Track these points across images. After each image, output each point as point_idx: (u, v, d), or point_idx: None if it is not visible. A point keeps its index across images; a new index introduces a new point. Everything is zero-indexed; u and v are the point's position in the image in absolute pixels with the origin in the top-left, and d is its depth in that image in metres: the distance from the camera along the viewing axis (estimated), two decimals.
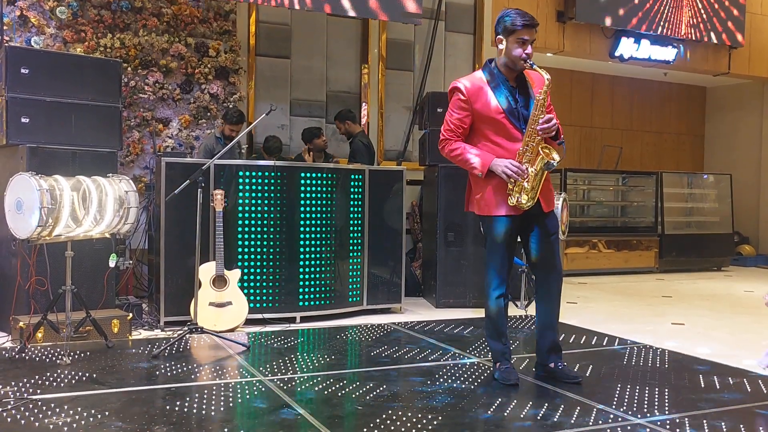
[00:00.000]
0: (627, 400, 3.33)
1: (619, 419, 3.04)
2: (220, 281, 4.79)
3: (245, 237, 5.08)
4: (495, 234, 3.56)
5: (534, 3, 8.67)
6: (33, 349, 4.11)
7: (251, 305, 4.98)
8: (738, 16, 10.19)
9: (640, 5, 9.31)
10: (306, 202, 5.24)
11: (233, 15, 6.77)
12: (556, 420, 3.01)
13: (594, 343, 4.65)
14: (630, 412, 3.15)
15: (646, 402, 3.30)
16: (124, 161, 6.20)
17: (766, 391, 3.55)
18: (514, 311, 5.46)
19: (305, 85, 7.33)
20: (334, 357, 4.19)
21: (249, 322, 4.95)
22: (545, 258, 3.64)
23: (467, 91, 3.53)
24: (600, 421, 3.00)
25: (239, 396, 3.29)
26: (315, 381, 3.58)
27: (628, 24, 9.26)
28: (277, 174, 5.15)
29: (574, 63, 10.13)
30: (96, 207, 3.92)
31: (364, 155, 6.57)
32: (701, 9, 9.85)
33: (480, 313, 5.15)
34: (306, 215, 5.24)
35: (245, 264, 5.06)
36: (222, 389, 3.39)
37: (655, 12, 9.45)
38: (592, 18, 9.06)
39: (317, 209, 5.28)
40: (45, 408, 3.03)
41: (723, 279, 8.96)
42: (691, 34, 9.78)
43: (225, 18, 6.72)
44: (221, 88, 6.64)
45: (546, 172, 3.49)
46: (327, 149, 6.97)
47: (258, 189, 5.11)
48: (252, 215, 5.09)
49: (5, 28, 5.88)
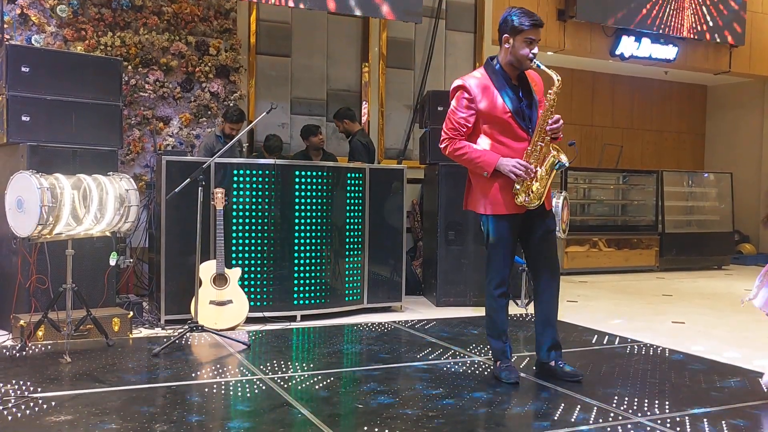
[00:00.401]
0: (627, 398, 3.33)
1: (620, 417, 3.04)
2: (220, 280, 4.79)
3: (246, 235, 5.08)
4: (499, 233, 3.55)
5: (535, 1, 8.67)
6: (34, 348, 4.11)
7: (252, 304, 4.98)
8: (739, 14, 10.18)
9: (641, 4, 9.31)
10: (306, 200, 5.24)
11: (234, 13, 6.77)
12: (556, 418, 3.01)
13: (594, 342, 4.65)
14: (630, 410, 3.15)
15: (646, 400, 3.30)
16: (124, 160, 6.20)
17: (766, 390, 3.55)
18: (514, 310, 5.46)
19: (306, 84, 7.32)
20: (334, 355, 4.19)
21: (249, 320, 4.95)
22: (545, 256, 3.64)
23: (473, 90, 3.50)
24: (600, 420, 3.00)
25: (240, 394, 3.29)
26: (315, 379, 3.58)
27: (629, 23, 9.26)
28: (278, 173, 5.15)
29: (574, 61, 10.13)
30: (96, 205, 3.92)
31: (362, 154, 6.56)
32: (702, 8, 9.84)
33: (480, 312, 5.15)
34: (307, 214, 5.24)
35: (246, 262, 5.06)
36: (222, 387, 3.40)
37: (657, 11, 9.45)
38: (593, 17, 9.06)
39: (318, 208, 5.29)
40: (46, 406, 3.03)
41: (723, 278, 8.96)
42: (692, 32, 9.78)
43: (225, 16, 6.72)
44: (222, 86, 6.64)
45: (554, 171, 3.49)
46: (324, 147, 6.96)
47: (258, 187, 5.11)
48: (253, 213, 5.10)
49: (6, 26, 5.88)
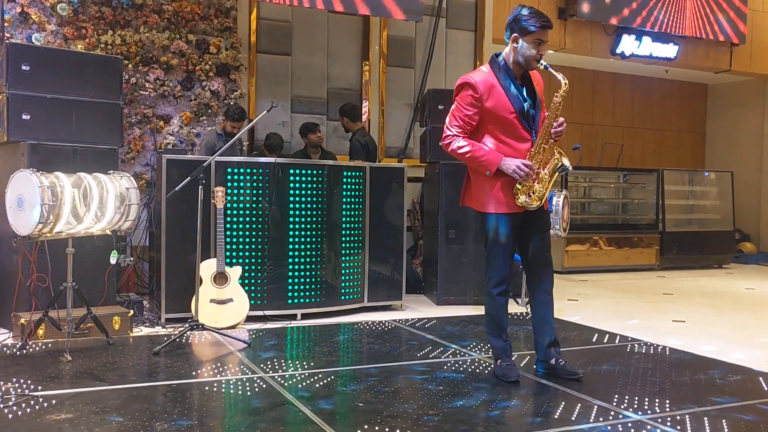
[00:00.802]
0: (628, 397, 3.33)
1: (620, 416, 3.04)
2: (221, 278, 4.79)
3: (247, 234, 5.08)
4: (500, 232, 3.55)
5: (536, 0, 8.66)
6: (34, 346, 4.11)
7: (252, 302, 4.98)
8: (739, 13, 10.17)
9: (643, 4, 9.30)
10: (306, 199, 5.24)
11: (234, 12, 6.77)
12: (556, 417, 3.01)
13: (595, 341, 4.65)
14: (631, 409, 3.15)
15: (646, 399, 3.30)
16: (125, 158, 6.20)
17: (767, 388, 3.55)
18: (514, 308, 5.47)
19: (306, 82, 7.32)
20: (334, 354, 4.19)
21: (250, 319, 4.95)
22: (540, 255, 3.66)
23: (479, 89, 3.48)
24: (601, 418, 3.00)
25: (240, 393, 3.29)
26: (316, 378, 3.58)
27: (631, 22, 9.26)
28: (278, 171, 5.15)
29: (575, 60, 10.12)
30: (97, 204, 3.92)
31: (360, 154, 6.55)
32: (703, 6, 9.83)
33: (480, 310, 5.15)
34: (307, 212, 5.24)
35: (247, 261, 5.06)
36: (223, 386, 3.40)
37: (658, 9, 9.44)
38: (594, 16, 9.05)
39: (318, 206, 5.29)
40: (46, 404, 3.03)
41: (724, 276, 8.95)
42: (693, 31, 9.77)
43: (226, 15, 6.72)
44: (222, 85, 6.64)
45: (556, 174, 3.50)
46: (324, 146, 6.96)
47: (259, 186, 5.11)
48: (253, 212, 5.10)
49: (6, 24, 5.88)
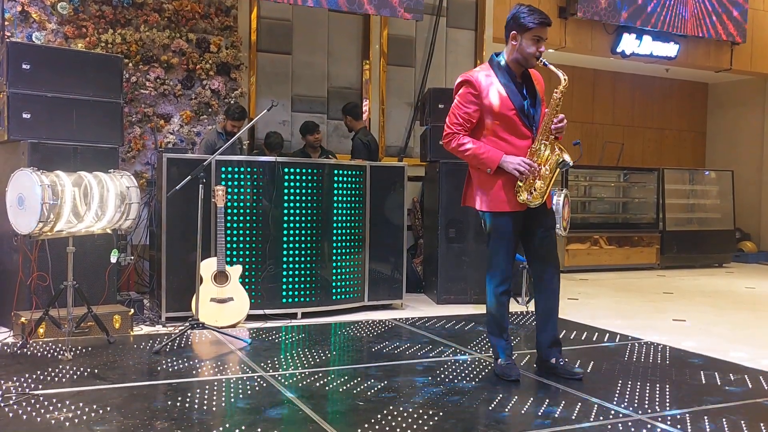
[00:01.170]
0: (628, 396, 3.33)
1: (620, 415, 3.04)
2: (221, 277, 4.79)
3: (247, 233, 5.08)
4: (501, 230, 3.55)
5: None
6: (35, 345, 4.11)
7: (252, 301, 4.98)
8: (740, 12, 10.17)
9: (644, 3, 9.30)
10: (307, 198, 5.24)
11: (234, 10, 6.77)
12: (557, 416, 3.01)
13: (595, 340, 4.65)
14: (631, 408, 3.15)
15: (647, 398, 3.30)
16: (125, 157, 6.20)
17: (767, 387, 3.55)
18: (515, 307, 5.47)
19: (306, 81, 7.32)
20: (335, 353, 4.19)
21: (250, 317, 4.96)
22: (545, 253, 3.65)
23: (479, 86, 3.49)
24: (601, 417, 3.00)
25: (240, 391, 3.29)
26: (316, 377, 3.58)
27: (634, 21, 9.25)
28: (279, 170, 5.15)
29: (575, 59, 10.11)
30: (97, 203, 3.92)
31: (362, 153, 6.56)
32: (704, 5, 9.82)
33: (481, 309, 5.15)
34: (307, 211, 5.24)
35: (247, 260, 5.06)
36: (223, 385, 3.40)
37: (660, 8, 9.43)
38: (595, 15, 9.05)
39: (319, 205, 5.28)
40: (47, 403, 3.03)
41: (724, 275, 8.95)
42: (693, 30, 9.77)
43: (226, 14, 6.72)
44: (222, 83, 6.63)
45: (558, 170, 3.49)
46: (323, 144, 6.96)
47: (259, 185, 5.11)
48: (254, 211, 5.10)
49: (6, 23, 5.88)
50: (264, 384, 3.43)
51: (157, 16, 6.39)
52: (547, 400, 3.25)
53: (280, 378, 3.54)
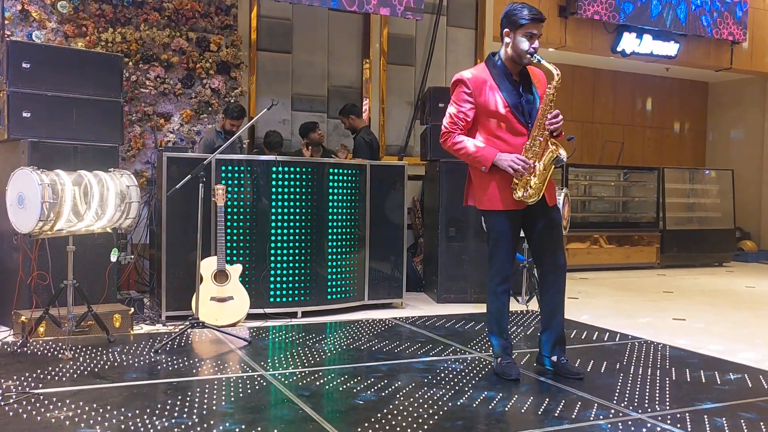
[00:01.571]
0: (628, 395, 3.33)
1: (620, 414, 3.04)
2: (221, 276, 4.79)
3: (247, 231, 5.08)
4: (499, 229, 3.55)
5: None
6: (35, 344, 4.11)
7: (252, 300, 4.98)
8: (740, 11, 10.16)
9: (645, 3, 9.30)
10: (307, 197, 5.24)
11: (234, 9, 6.77)
12: (557, 415, 3.01)
13: (595, 339, 4.65)
14: (631, 407, 3.15)
15: (647, 397, 3.30)
16: (125, 156, 6.20)
17: (767, 387, 3.55)
18: (515, 306, 5.46)
19: (306, 80, 7.32)
20: (335, 352, 4.19)
21: (250, 316, 4.96)
22: (547, 251, 3.63)
23: (472, 84, 3.50)
24: (601, 416, 3.00)
25: (240, 390, 3.29)
26: (316, 376, 3.58)
27: (636, 20, 9.25)
28: (279, 169, 5.15)
29: (575, 58, 10.11)
30: (97, 202, 3.92)
31: (365, 152, 6.57)
32: (704, 4, 9.82)
33: (481, 308, 5.15)
34: (307, 210, 5.24)
35: (248, 259, 5.06)
36: (223, 384, 3.40)
37: (661, 7, 9.43)
38: (597, 14, 9.04)
39: (318, 204, 5.28)
40: (47, 402, 3.04)
41: (724, 275, 8.96)
42: (694, 29, 9.76)
43: (226, 12, 6.72)
44: (222, 82, 6.63)
45: (553, 167, 3.48)
46: (324, 143, 6.96)
47: (259, 184, 5.10)
48: (254, 210, 5.10)
49: (6, 22, 5.88)
50: (264, 383, 3.43)
51: (157, 14, 6.39)
52: (547, 399, 3.25)
53: (280, 377, 3.54)
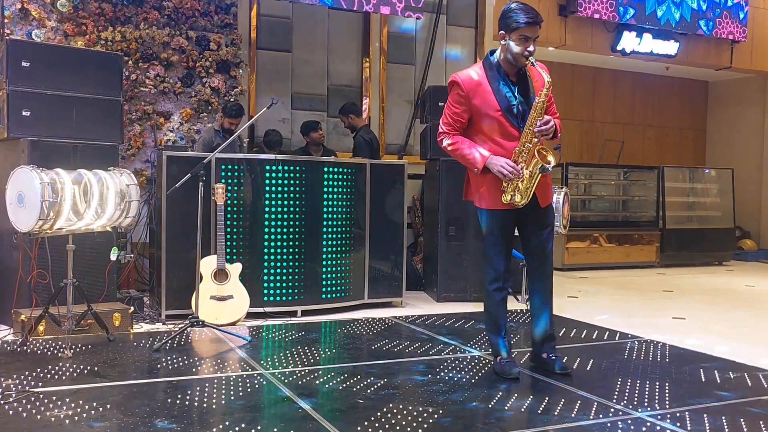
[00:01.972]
0: (627, 394, 3.33)
1: (620, 413, 3.04)
2: (221, 275, 4.79)
3: (247, 230, 5.08)
4: (491, 227, 3.58)
5: None
6: (34, 342, 4.11)
7: (252, 299, 4.98)
8: (740, 10, 10.16)
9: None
10: (307, 196, 5.24)
11: (234, 8, 6.76)
12: (556, 414, 3.01)
13: (595, 337, 4.65)
14: (631, 406, 3.15)
15: (646, 396, 3.30)
16: (125, 155, 6.20)
17: (766, 386, 3.55)
18: (514, 305, 5.47)
19: (306, 79, 7.32)
20: (335, 350, 4.19)
21: (250, 315, 4.96)
22: (538, 251, 3.65)
23: (465, 86, 3.51)
24: (600, 415, 3.00)
25: (240, 389, 3.30)
26: (316, 374, 3.58)
27: (637, 19, 9.26)
28: (287, 168, 5.15)
29: (575, 57, 10.11)
30: (97, 200, 3.92)
31: (365, 150, 6.56)
32: (704, 3, 9.82)
33: (481, 307, 5.14)
34: (307, 209, 5.24)
35: (247, 258, 5.06)
36: (223, 383, 3.40)
37: (662, 6, 9.43)
38: (597, 12, 9.04)
39: (318, 203, 5.28)
40: (47, 401, 3.04)
41: (724, 274, 8.96)
42: (694, 28, 9.76)
43: (226, 11, 6.71)
44: (222, 81, 6.63)
45: (542, 174, 3.47)
46: (324, 143, 6.96)
47: (260, 183, 5.10)
48: (254, 209, 5.09)
49: (6, 21, 5.87)
50: (264, 382, 3.44)
51: (157, 13, 6.39)
52: (547, 397, 3.25)
53: (279, 376, 3.54)
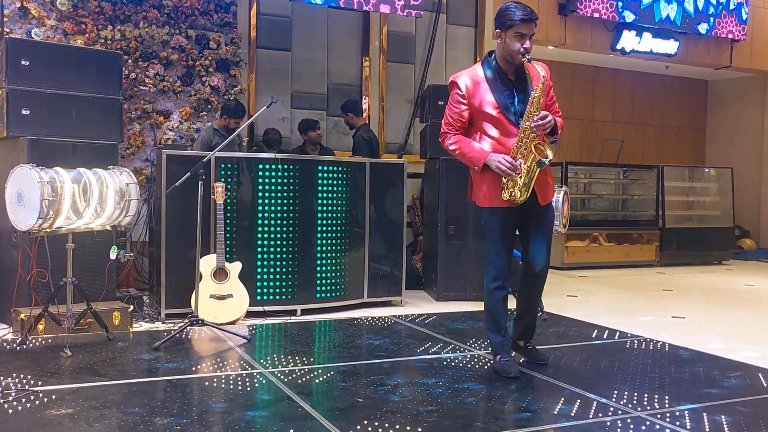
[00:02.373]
0: (627, 392, 3.33)
1: (619, 412, 3.04)
2: (220, 274, 4.79)
3: (247, 230, 5.07)
4: (492, 225, 3.60)
5: None
6: (34, 341, 4.11)
7: (258, 298, 4.98)
8: (740, 9, 10.15)
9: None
10: (306, 195, 5.23)
11: (234, 7, 6.76)
12: (556, 413, 3.02)
13: (594, 336, 4.65)
14: (630, 404, 3.15)
15: (646, 395, 3.30)
16: (124, 153, 6.20)
17: (766, 385, 3.55)
18: (515, 304, 5.46)
19: (306, 78, 7.31)
20: (334, 349, 4.20)
21: (250, 314, 4.96)
22: (533, 250, 3.69)
23: (464, 86, 3.57)
24: (600, 414, 3.00)
25: (240, 388, 3.30)
26: (315, 373, 3.58)
27: (637, 18, 9.26)
28: (279, 167, 5.15)
29: (575, 56, 10.10)
30: (97, 199, 3.92)
31: (364, 149, 6.56)
32: (704, 2, 9.81)
33: (480, 306, 5.14)
34: (306, 208, 5.23)
35: (247, 257, 5.05)
36: (223, 381, 3.40)
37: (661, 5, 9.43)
38: (596, 12, 9.04)
39: (318, 202, 5.28)
40: (46, 399, 3.04)
41: (724, 273, 8.96)
42: (693, 27, 9.75)
43: (226, 10, 6.71)
44: (222, 80, 6.63)
45: (539, 168, 3.49)
46: (323, 142, 6.96)
47: (259, 182, 5.10)
48: (253, 208, 5.09)
49: (6, 19, 5.87)
50: (263, 380, 3.44)
51: (157, 12, 6.38)
52: (546, 396, 3.25)
53: (279, 375, 3.54)
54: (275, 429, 2.75)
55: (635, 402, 3.19)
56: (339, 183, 5.42)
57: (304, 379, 3.47)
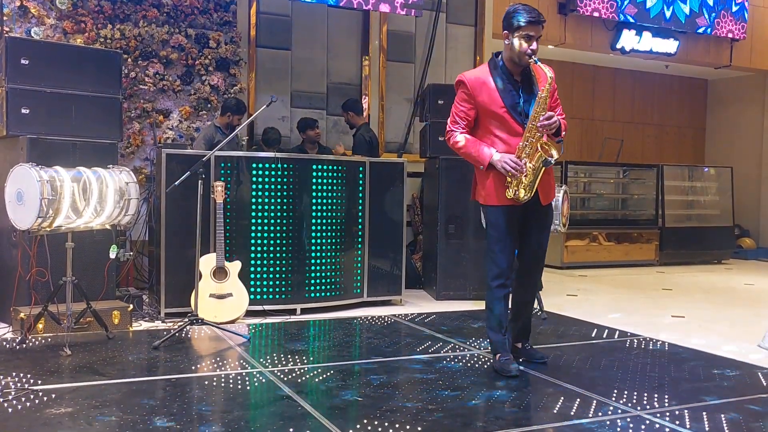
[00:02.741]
0: (627, 392, 3.33)
1: (619, 411, 3.04)
2: (220, 273, 4.79)
3: (247, 229, 5.07)
4: (495, 224, 3.62)
5: None
6: (34, 340, 4.11)
7: (252, 297, 4.98)
8: (740, 8, 10.15)
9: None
10: (306, 194, 5.23)
11: (233, 6, 6.75)
12: (555, 412, 3.02)
13: (594, 336, 4.66)
14: (630, 403, 3.15)
15: (645, 394, 3.30)
16: (124, 152, 6.20)
17: (765, 384, 3.56)
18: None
19: (306, 77, 7.31)
20: (334, 348, 4.19)
21: (249, 313, 4.96)
22: (532, 249, 3.72)
23: (471, 85, 3.61)
24: (600, 413, 3.01)
25: (240, 387, 3.30)
26: (315, 372, 3.58)
27: (637, 17, 9.25)
28: (279, 166, 5.14)
29: (575, 55, 10.10)
30: (96, 198, 3.92)
31: (364, 148, 6.56)
32: (703, 1, 9.81)
33: (480, 305, 5.16)
34: (306, 208, 5.23)
35: (247, 256, 5.05)
36: (222, 380, 3.40)
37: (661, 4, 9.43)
38: (596, 11, 9.04)
39: (317, 201, 5.28)
40: (46, 398, 3.04)
41: (723, 272, 8.96)
42: (693, 26, 9.75)
43: (225, 9, 6.70)
44: (222, 79, 6.62)
45: (545, 167, 3.52)
46: (321, 141, 6.96)
47: (259, 181, 5.10)
48: (253, 207, 5.09)
49: (5, 18, 5.86)
50: (263, 379, 3.44)
51: (156, 11, 6.38)
52: (546, 395, 3.25)
53: (278, 373, 3.54)
54: (274, 428, 2.75)
55: (635, 401, 3.19)
56: (337, 182, 5.42)
57: (303, 378, 3.47)
